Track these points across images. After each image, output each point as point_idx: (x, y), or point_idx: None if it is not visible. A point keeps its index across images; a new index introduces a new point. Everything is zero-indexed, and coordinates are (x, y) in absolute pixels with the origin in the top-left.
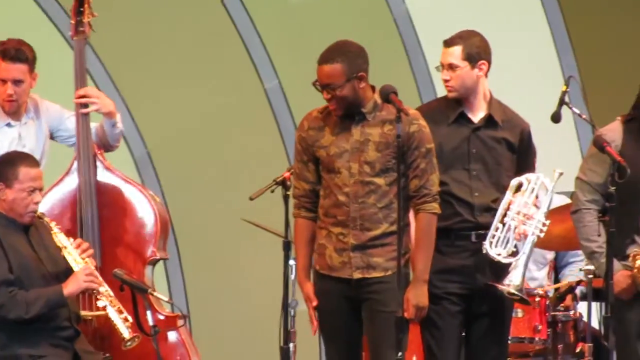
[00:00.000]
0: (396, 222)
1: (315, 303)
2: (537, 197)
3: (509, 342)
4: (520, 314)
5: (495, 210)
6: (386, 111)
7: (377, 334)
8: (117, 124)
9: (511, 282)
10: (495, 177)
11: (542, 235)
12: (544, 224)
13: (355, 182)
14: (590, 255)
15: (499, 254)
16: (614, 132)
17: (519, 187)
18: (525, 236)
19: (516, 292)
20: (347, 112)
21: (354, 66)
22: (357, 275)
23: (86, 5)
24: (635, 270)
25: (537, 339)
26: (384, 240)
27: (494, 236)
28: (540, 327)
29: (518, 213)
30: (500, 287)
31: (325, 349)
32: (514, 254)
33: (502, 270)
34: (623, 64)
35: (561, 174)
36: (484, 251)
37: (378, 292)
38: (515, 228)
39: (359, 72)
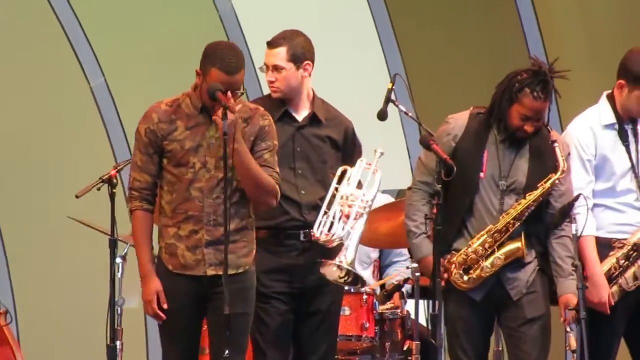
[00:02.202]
0: (245, 217)
1: (166, 306)
2: (360, 180)
3: (337, 339)
4: (347, 312)
5: None
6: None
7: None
8: None
9: (344, 259)
10: (320, 175)
11: (365, 212)
12: (367, 202)
13: (211, 178)
14: (407, 233)
15: (328, 238)
16: (458, 121)
17: (343, 175)
18: (349, 217)
19: (349, 268)
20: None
21: None
22: (210, 272)
23: None
24: (449, 270)
25: (364, 336)
26: (235, 237)
27: (321, 222)
28: (367, 325)
29: (343, 198)
30: (331, 262)
31: (163, 350)
32: (343, 237)
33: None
34: (448, 62)
35: (382, 153)
36: (313, 237)
37: (228, 291)
38: (341, 212)
39: None
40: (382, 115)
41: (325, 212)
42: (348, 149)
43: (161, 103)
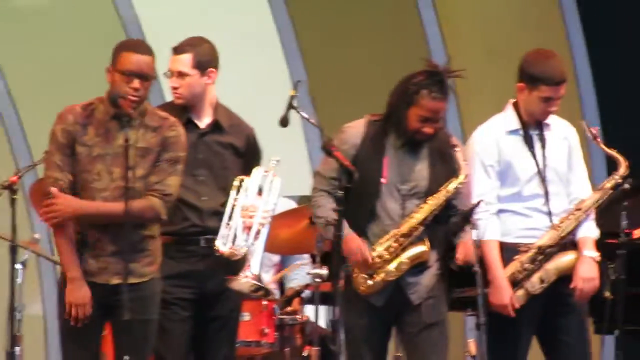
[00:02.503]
0: (150, 226)
1: (90, 312)
2: (261, 189)
3: (237, 345)
4: (247, 318)
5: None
6: (149, 117)
7: (131, 340)
8: None
9: (250, 274)
10: (222, 182)
11: (267, 222)
12: (268, 211)
13: (116, 187)
14: (321, 226)
15: (232, 252)
16: (356, 129)
17: (240, 185)
18: (250, 228)
19: (257, 282)
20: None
21: None
22: (114, 280)
23: None
24: (354, 274)
25: (263, 342)
26: (139, 246)
27: (223, 235)
28: (267, 331)
29: (243, 209)
30: (238, 280)
31: (64, 356)
32: (247, 250)
33: (234, 272)
34: (349, 70)
35: (278, 161)
36: (217, 251)
37: (132, 300)
38: (243, 223)
39: None
40: (284, 122)
41: (227, 225)
42: (250, 156)
43: (76, 105)
